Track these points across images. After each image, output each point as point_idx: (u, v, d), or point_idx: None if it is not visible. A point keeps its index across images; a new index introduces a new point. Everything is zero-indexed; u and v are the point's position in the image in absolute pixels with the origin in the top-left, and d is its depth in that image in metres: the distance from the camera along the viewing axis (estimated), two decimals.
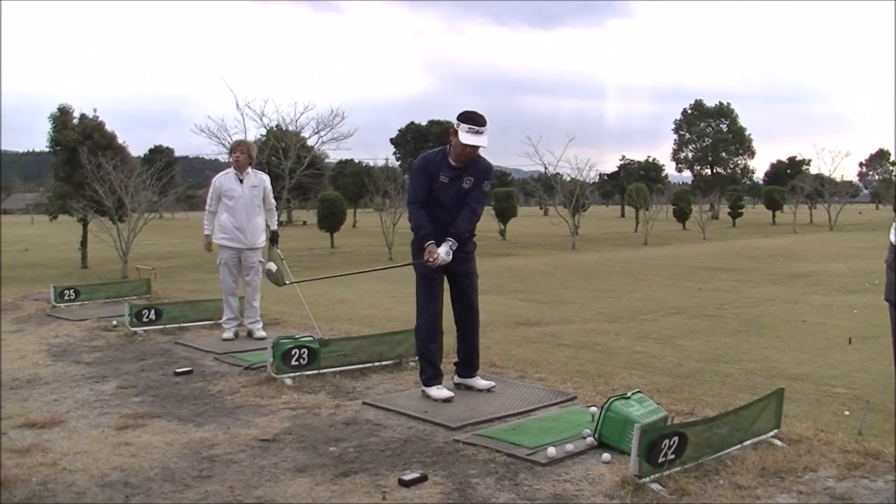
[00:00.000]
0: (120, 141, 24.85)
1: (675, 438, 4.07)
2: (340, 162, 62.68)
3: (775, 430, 4.84)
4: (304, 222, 60.17)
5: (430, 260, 5.85)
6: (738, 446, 4.53)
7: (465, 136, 5.76)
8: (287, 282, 7.28)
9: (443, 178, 5.94)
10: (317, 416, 5.59)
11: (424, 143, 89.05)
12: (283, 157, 25.31)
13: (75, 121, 24.75)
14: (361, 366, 6.94)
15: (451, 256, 5.88)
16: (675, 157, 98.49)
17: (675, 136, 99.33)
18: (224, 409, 5.83)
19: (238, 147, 8.70)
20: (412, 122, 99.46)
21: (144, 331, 8.97)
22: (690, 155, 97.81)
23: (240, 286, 8.77)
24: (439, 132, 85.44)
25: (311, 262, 24.80)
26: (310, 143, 29.63)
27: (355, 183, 59.45)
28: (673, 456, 4.07)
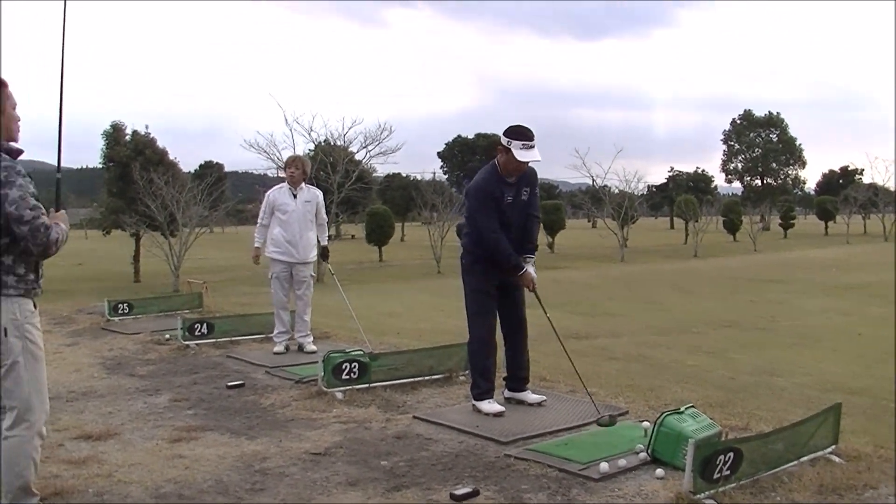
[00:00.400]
0: (171, 157, 25.16)
1: (730, 454, 4.02)
2: (388, 176, 62.75)
3: (833, 447, 4.76)
4: (353, 236, 60.37)
5: (534, 288, 6.00)
6: (795, 462, 4.46)
7: (521, 154, 5.73)
8: None
9: (508, 198, 5.89)
10: (368, 430, 5.60)
11: (472, 157, 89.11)
12: (331, 171, 25.43)
13: (128, 137, 25.13)
14: (412, 380, 6.94)
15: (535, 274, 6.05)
16: (725, 167, 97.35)
17: (724, 147, 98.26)
18: (276, 423, 5.87)
19: (293, 162, 8.78)
20: (459, 136, 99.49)
21: (197, 344, 9.06)
22: (740, 166, 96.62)
23: (291, 300, 8.83)
24: (486, 145, 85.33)
25: (360, 276, 24.91)
26: (358, 157, 29.76)
27: (403, 197, 59.53)
28: (728, 472, 4.02)
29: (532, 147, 5.77)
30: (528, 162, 5.81)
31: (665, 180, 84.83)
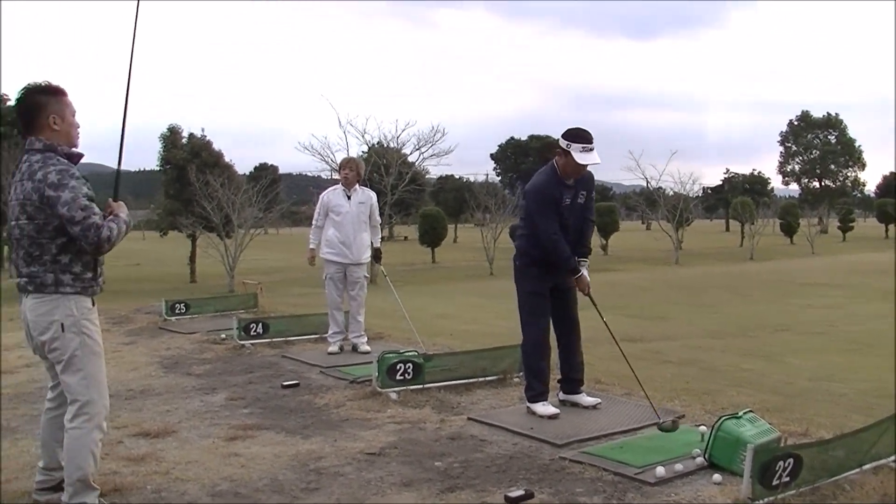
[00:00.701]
0: (226, 159, 25.52)
1: (790, 460, 3.96)
2: (441, 178, 62.92)
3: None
4: (406, 237, 60.63)
5: (587, 290, 6.00)
6: (857, 470, 4.36)
7: (580, 157, 5.69)
8: None
9: (566, 201, 5.87)
10: (422, 431, 5.61)
11: (525, 159, 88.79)
12: (384, 173, 25.57)
13: (184, 140, 25.50)
14: (465, 381, 6.93)
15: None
16: (782, 169, 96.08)
17: (781, 149, 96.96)
18: (330, 423, 5.89)
19: (347, 164, 8.83)
20: (512, 138, 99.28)
21: (252, 344, 9.14)
22: (797, 167, 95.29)
23: (345, 300, 8.87)
24: (539, 147, 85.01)
25: (413, 277, 25.00)
26: (411, 159, 29.89)
27: (456, 198, 59.64)
28: (787, 479, 3.95)
29: (591, 150, 5.73)
30: (587, 165, 5.78)
31: (720, 182, 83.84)
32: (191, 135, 25.66)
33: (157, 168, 26.14)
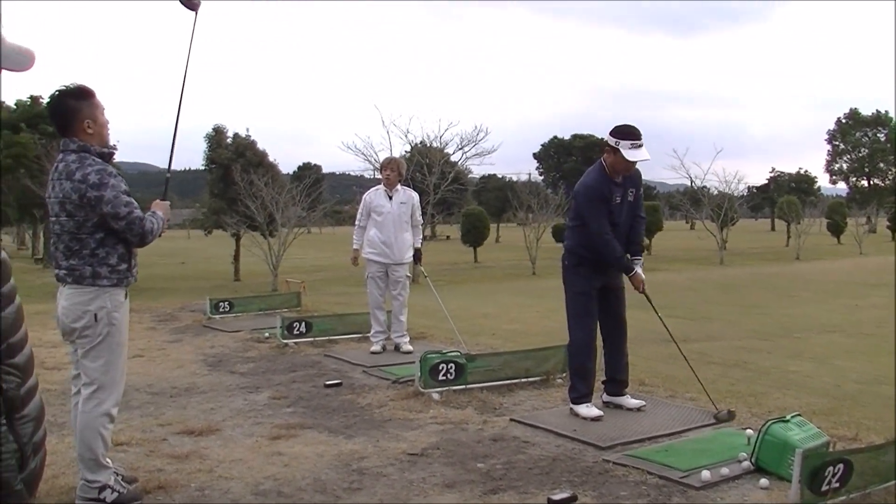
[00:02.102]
0: (270, 158, 25.69)
1: (840, 466, 3.88)
2: (483, 177, 62.92)
3: None
4: (448, 237, 60.63)
5: (643, 288, 5.97)
6: None
7: (630, 153, 5.65)
8: None
9: (616, 199, 5.84)
10: (464, 432, 5.59)
11: (567, 158, 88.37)
12: (427, 172, 25.59)
13: (229, 140, 25.72)
14: (508, 381, 6.90)
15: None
16: (829, 168, 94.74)
17: (829, 147, 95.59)
18: (373, 422, 5.89)
19: (388, 165, 8.84)
20: (555, 137, 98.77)
21: (295, 343, 9.18)
22: (845, 166, 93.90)
23: (387, 300, 8.88)
24: (582, 146, 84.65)
25: (455, 277, 24.98)
26: (454, 158, 29.92)
27: (498, 198, 59.48)
28: (837, 484, 3.88)
29: (640, 146, 5.70)
30: (636, 161, 5.74)
31: (766, 181, 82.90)
32: (235, 134, 25.90)
33: (203, 167, 26.41)
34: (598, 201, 5.81)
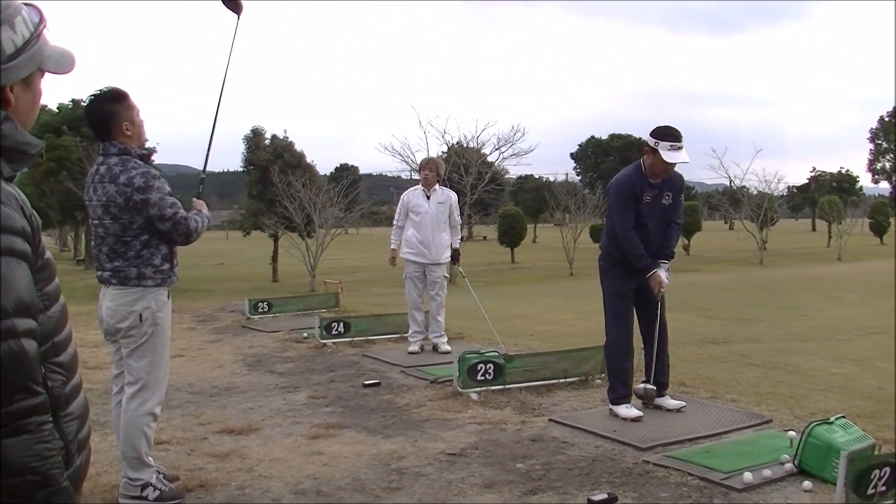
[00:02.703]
0: (308, 160, 25.80)
1: (886, 469, 3.82)
2: (520, 177, 62.75)
3: None
4: (485, 237, 60.57)
5: (662, 290, 5.87)
6: None
7: (668, 155, 5.62)
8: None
9: (647, 198, 5.80)
10: (503, 432, 5.57)
11: (605, 158, 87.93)
12: (464, 173, 25.59)
13: (267, 141, 25.87)
14: (547, 382, 6.88)
15: (669, 279, 5.92)
16: (871, 167, 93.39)
17: (871, 146, 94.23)
18: (411, 422, 5.90)
19: (427, 165, 8.85)
20: (592, 137, 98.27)
21: (333, 343, 9.21)
22: (888, 165, 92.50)
23: (425, 300, 8.88)
24: (620, 146, 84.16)
25: (492, 277, 24.94)
26: (490, 159, 29.89)
27: (535, 198, 59.27)
28: (884, 488, 3.82)
29: (680, 148, 5.65)
30: (675, 164, 5.69)
31: (807, 181, 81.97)
32: (273, 136, 26.04)
33: (241, 169, 26.59)
34: (625, 198, 5.81)
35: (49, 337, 1.70)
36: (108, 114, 4.17)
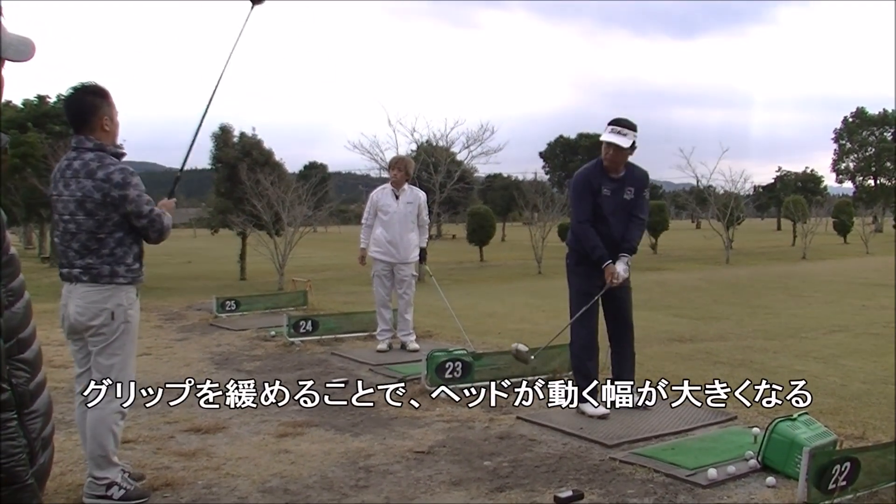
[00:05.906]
0: (277, 158, 25.70)
1: (847, 464, 3.88)
2: (489, 176, 62.92)
3: None
4: (454, 236, 60.63)
5: (614, 282, 5.84)
6: None
7: (606, 135, 5.78)
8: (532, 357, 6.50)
9: (605, 191, 5.85)
10: (471, 430, 5.59)
11: (573, 157, 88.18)
12: (433, 171, 25.59)
13: (235, 139, 25.73)
14: (514, 379, 6.89)
15: (628, 273, 5.89)
16: (836, 167, 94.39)
17: (836, 146, 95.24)
18: (379, 420, 5.90)
19: (396, 164, 8.86)
20: (561, 136, 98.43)
21: (301, 341, 9.19)
22: (852, 165, 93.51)
23: (393, 299, 8.89)
24: (588, 145, 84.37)
25: (461, 276, 24.96)
26: (459, 157, 29.89)
27: (504, 197, 59.44)
28: (844, 483, 3.88)
29: (619, 132, 5.76)
30: (609, 144, 5.77)
31: (772, 180, 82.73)
32: (242, 134, 25.89)
33: (209, 167, 26.42)
34: (583, 190, 5.90)
35: (13, 333, 1.69)
36: (90, 105, 4.17)
